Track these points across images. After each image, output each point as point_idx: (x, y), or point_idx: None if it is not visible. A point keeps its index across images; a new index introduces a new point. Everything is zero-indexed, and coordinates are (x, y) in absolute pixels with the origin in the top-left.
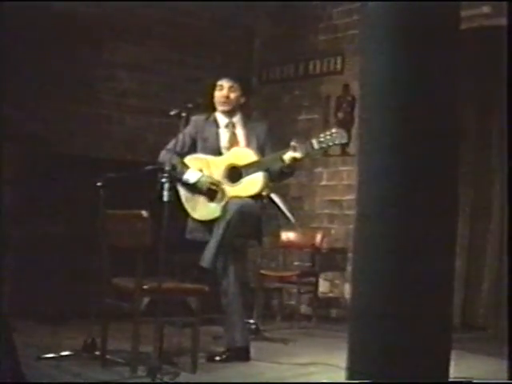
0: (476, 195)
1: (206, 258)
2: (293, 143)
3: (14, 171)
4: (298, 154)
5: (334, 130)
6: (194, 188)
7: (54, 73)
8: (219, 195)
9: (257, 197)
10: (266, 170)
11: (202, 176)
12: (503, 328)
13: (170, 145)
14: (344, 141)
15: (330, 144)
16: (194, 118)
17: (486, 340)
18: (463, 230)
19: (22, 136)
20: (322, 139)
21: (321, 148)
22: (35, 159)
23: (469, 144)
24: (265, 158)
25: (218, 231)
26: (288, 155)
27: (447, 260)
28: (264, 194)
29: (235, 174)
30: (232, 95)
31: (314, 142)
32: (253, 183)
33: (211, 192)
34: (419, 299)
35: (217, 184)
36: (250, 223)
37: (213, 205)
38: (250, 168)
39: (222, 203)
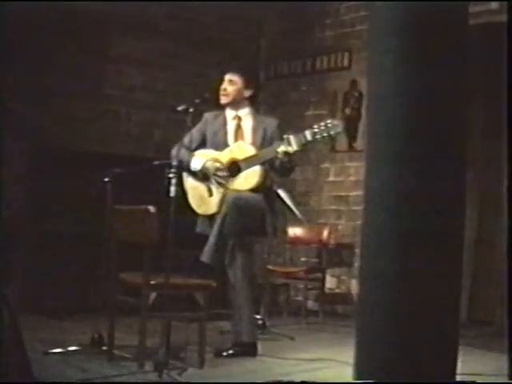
0: (484, 190)
1: (206, 252)
2: (285, 136)
3: (20, 168)
4: (290, 148)
5: (328, 121)
6: (202, 176)
7: (62, 68)
8: (219, 189)
9: (257, 190)
10: (264, 164)
11: (207, 161)
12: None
13: (182, 140)
14: (339, 130)
15: (325, 135)
16: (205, 115)
17: (493, 336)
18: (471, 225)
19: (28, 132)
20: (316, 130)
21: (314, 139)
22: (42, 155)
23: (476, 140)
24: (261, 152)
25: (216, 225)
26: (281, 148)
27: (455, 255)
28: (273, 188)
29: (236, 168)
30: (230, 88)
31: (307, 133)
32: (251, 177)
33: (218, 177)
34: (427, 295)
35: (221, 167)
36: (251, 216)
37: (211, 199)
38: (248, 162)
39: (220, 197)
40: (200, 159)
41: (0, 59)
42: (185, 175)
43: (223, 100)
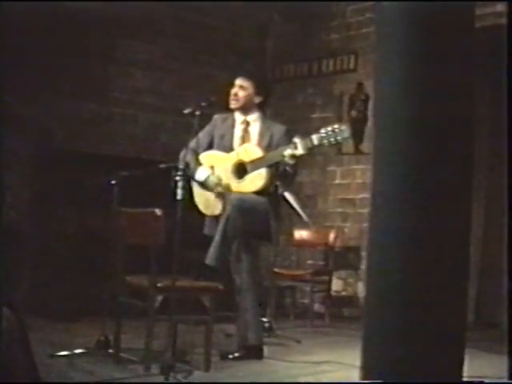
0: (491, 189)
1: (210, 255)
2: (294, 139)
3: (26, 170)
4: (297, 151)
5: (336, 126)
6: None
7: (68, 70)
8: (224, 191)
9: (263, 193)
10: (270, 167)
11: (210, 175)
12: None
13: (191, 143)
14: (346, 136)
15: (332, 140)
16: (214, 117)
17: (500, 338)
18: (478, 226)
19: (35, 133)
20: (323, 135)
21: (321, 144)
22: (48, 157)
23: (484, 138)
24: (268, 154)
25: (219, 227)
26: (287, 151)
27: (462, 255)
28: (280, 191)
29: (242, 170)
30: (241, 93)
31: (314, 137)
32: (257, 179)
33: (217, 193)
34: (433, 297)
35: (221, 184)
36: (254, 218)
37: (217, 201)
38: (255, 164)
39: (224, 199)
40: (204, 171)
41: (6, 61)
42: None
43: (233, 105)
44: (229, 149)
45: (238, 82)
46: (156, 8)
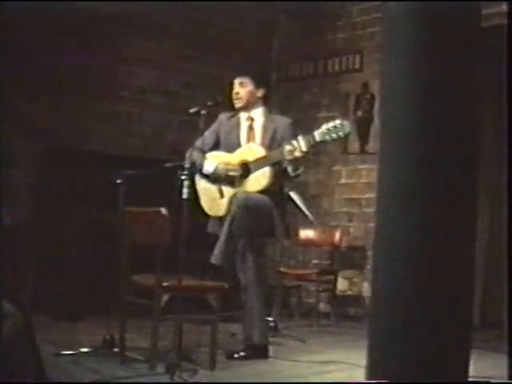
0: (497, 190)
1: (215, 254)
2: (297, 137)
3: (32, 169)
4: (300, 149)
5: (337, 122)
6: (214, 179)
7: (74, 69)
8: (229, 191)
9: (267, 192)
10: (274, 166)
11: (219, 164)
12: None
13: (197, 142)
14: (347, 131)
15: (333, 135)
16: (220, 115)
17: (505, 338)
18: (483, 228)
19: (40, 133)
20: (324, 131)
21: (323, 140)
22: (54, 156)
23: (490, 141)
24: (271, 153)
25: (225, 226)
26: (290, 149)
27: (467, 255)
28: (285, 191)
29: (246, 169)
30: (242, 91)
31: (316, 134)
32: (261, 178)
33: (230, 180)
34: (439, 297)
35: (233, 169)
36: (260, 217)
37: (222, 201)
38: (258, 163)
39: (229, 199)
40: (212, 162)
41: (11, 60)
42: (197, 177)
43: (237, 104)
44: (235, 146)
45: (237, 80)
46: (163, 7)
